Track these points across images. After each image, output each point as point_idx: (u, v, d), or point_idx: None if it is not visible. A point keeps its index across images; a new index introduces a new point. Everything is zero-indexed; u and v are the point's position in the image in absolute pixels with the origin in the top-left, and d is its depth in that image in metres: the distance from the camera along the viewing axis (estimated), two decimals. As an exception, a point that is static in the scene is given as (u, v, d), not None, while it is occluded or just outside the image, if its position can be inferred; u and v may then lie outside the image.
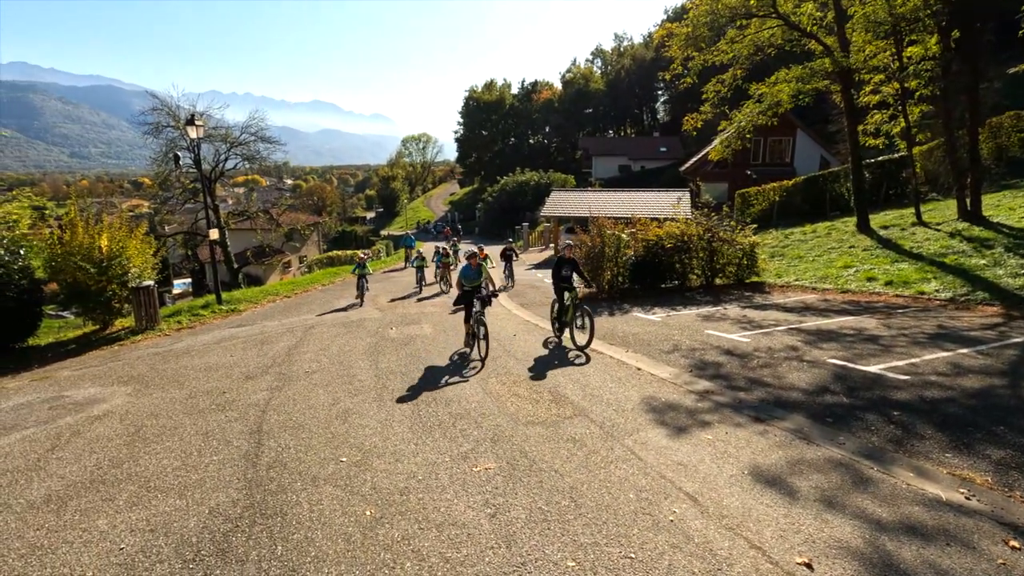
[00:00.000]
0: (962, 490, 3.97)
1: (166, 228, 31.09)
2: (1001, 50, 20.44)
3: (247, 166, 28.61)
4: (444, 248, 19.13)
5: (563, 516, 3.95)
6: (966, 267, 11.20)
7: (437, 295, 16.77)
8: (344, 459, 5.11)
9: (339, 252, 40.15)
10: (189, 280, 35.99)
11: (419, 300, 15.85)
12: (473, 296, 8.74)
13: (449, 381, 7.42)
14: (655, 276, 13.88)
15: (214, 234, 16.32)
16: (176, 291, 32.67)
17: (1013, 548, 3.33)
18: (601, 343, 8.94)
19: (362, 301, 15.16)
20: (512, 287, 17.09)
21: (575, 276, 9.33)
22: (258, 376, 8.15)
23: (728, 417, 5.60)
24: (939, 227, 14.81)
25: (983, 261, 11.23)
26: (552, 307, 9.78)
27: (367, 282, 15.52)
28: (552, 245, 31.88)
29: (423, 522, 3.97)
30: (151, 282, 12.75)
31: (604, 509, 4.01)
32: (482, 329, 8.41)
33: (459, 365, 8.21)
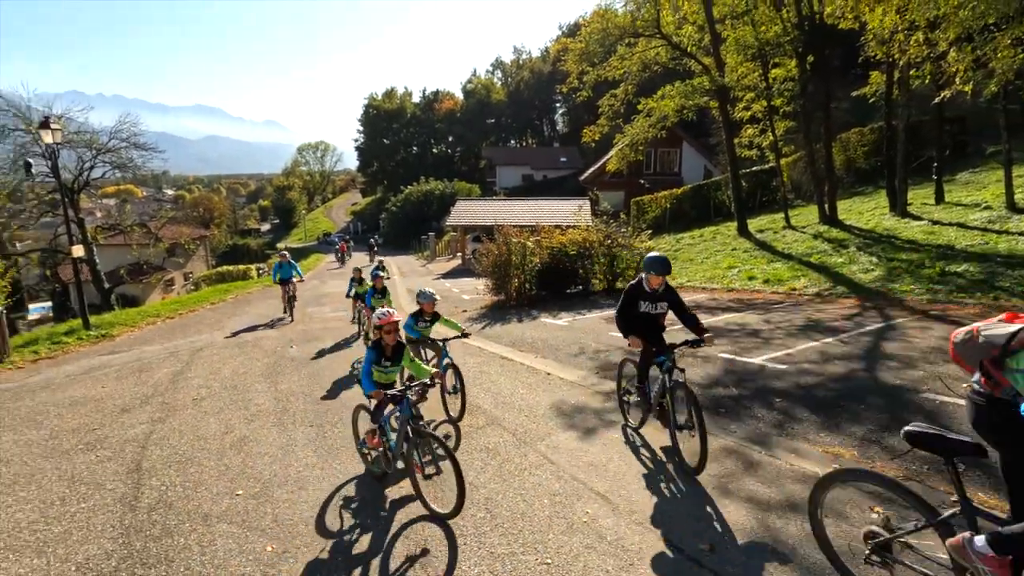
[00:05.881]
0: (834, 465, 4.43)
1: (17, 245, 27.14)
2: (847, 72, 23.40)
3: (118, 175, 25.76)
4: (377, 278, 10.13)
5: (479, 529, 3.90)
6: (828, 265, 12.64)
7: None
8: (240, 492, 4.70)
9: (230, 267, 37.33)
10: (49, 304, 31.68)
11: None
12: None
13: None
14: (561, 282, 14.30)
15: (78, 251, 14.51)
16: (32, 316, 28.65)
17: (877, 513, 3.75)
18: (511, 350, 9.02)
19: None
20: None
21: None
22: (136, 408, 7.32)
23: (633, 415, 5.84)
24: (804, 230, 16.61)
25: (841, 259, 12.73)
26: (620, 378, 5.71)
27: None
28: (460, 254, 31.83)
29: (332, 551, 3.74)
30: (-2, 308, 11.06)
31: (520, 517, 4.01)
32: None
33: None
